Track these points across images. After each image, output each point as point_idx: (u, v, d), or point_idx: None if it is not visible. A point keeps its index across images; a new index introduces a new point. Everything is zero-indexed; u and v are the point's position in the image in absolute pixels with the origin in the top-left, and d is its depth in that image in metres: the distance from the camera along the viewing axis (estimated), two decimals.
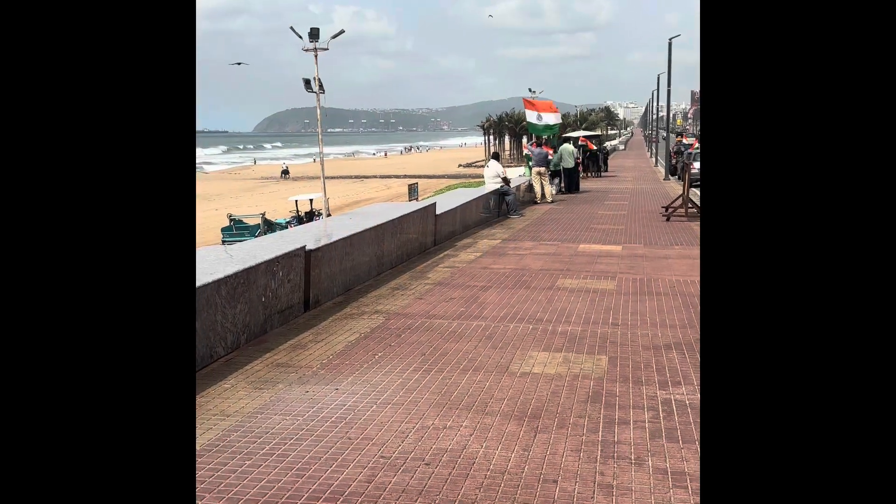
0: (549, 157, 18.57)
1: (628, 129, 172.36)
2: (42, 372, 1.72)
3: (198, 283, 4.88)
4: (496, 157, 16.51)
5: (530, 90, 43.61)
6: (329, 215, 27.72)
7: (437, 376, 4.76)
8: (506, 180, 15.13)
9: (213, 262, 5.71)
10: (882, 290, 1.66)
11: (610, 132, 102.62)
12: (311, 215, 31.06)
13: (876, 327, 1.66)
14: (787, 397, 1.70)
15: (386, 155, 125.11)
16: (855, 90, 1.70)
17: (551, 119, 20.61)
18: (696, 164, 20.67)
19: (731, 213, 1.76)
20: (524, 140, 59.23)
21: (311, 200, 32.80)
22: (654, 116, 52.90)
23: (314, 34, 30.81)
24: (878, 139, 1.68)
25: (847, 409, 1.66)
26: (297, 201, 32.92)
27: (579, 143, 27.10)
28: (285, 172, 70.83)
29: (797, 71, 1.73)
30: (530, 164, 18.51)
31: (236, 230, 27.94)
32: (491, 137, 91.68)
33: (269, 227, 28.13)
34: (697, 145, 28.43)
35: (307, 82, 30.64)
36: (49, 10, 1.75)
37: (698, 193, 17.68)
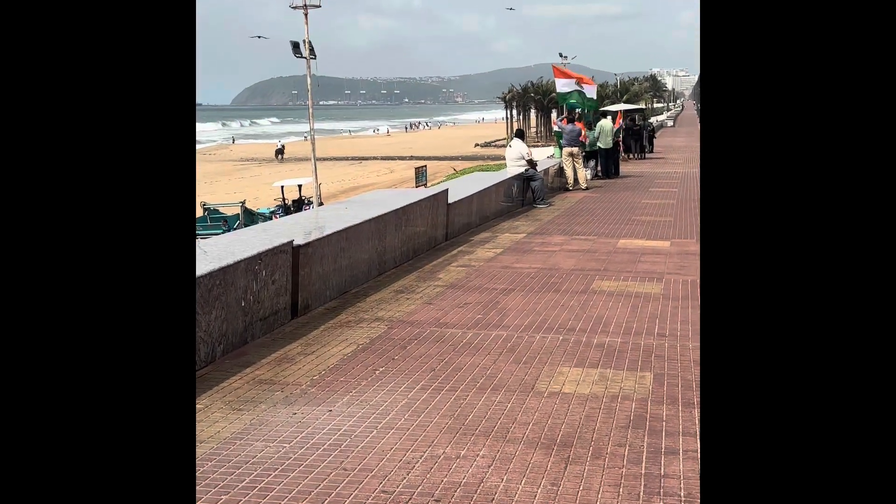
0: (584, 136, 18.53)
1: (678, 101, 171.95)
2: (41, 371, 1.88)
3: None
4: (520, 135, 16.51)
5: (561, 55, 43.56)
6: (321, 204, 27.80)
7: (448, 396, 4.77)
8: (531, 163, 15.12)
9: None
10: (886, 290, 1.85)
11: (656, 105, 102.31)
12: (299, 204, 31.15)
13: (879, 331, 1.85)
14: (788, 400, 1.88)
15: (388, 132, 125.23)
16: (856, 88, 1.86)
17: (588, 92, 20.60)
18: None
19: (731, 211, 1.95)
20: (553, 115, 59.11)
21: (299, 186, 32.88)
22: None
23: None
24: (880, 139, 1.86)
25: (849, 412, 1.83)
26: (283, 187, 33.01)
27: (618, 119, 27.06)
28: (280, 152, 70.96)
29: (798, 70, 1.91)
30: (561, 143, 18.48)
31: (211, 221, 28.06)
32: (514, 111, 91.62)
33: (251, 217, 28.23)
34: None
35: (295, 46, 30.67)
36: None
37: None
